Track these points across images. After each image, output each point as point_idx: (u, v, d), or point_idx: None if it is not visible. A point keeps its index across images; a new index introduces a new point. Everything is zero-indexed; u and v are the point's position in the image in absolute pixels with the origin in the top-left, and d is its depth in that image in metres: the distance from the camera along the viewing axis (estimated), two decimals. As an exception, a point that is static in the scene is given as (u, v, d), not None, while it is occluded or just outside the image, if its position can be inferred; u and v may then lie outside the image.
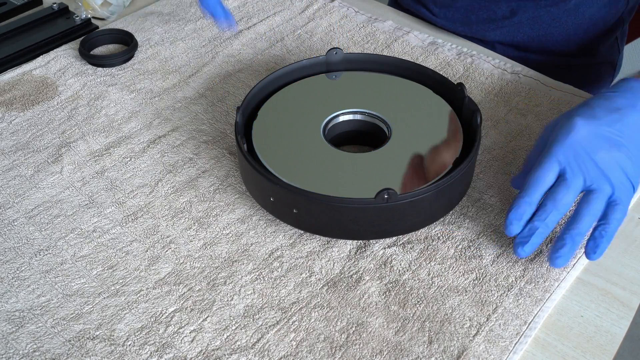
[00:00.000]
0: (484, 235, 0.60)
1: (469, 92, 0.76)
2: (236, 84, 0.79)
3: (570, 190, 0.55)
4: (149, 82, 0.79)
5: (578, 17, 0.88)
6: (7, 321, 0.54)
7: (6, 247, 0.60)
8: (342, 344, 0.52)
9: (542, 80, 0.78)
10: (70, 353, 0.51)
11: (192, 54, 0.84)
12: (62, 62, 0.81)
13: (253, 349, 0.52)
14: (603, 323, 0.54)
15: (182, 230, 0.61)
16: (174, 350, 0.52)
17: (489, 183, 0.66)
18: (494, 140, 0.71)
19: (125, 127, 0.73)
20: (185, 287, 0.56)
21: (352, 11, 0.91)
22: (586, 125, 0.56)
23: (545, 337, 0.53)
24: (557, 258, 0.54)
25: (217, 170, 0.67)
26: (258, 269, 0.58)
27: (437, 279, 0.57)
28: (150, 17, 0.90)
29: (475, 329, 0.53)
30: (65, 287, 0.56)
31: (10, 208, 0.63)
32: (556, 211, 0.55)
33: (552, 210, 0.54)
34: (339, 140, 0.68)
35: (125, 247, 0.60)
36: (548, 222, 0.55)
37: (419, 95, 0.69)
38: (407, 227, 0.59)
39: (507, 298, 0.55)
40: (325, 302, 0.55)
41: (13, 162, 0.68)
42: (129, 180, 0.66)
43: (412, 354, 0.51)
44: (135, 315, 0.54)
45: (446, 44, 0.85)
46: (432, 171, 0.60)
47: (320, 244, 0.60)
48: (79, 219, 0.62)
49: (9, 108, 0.75)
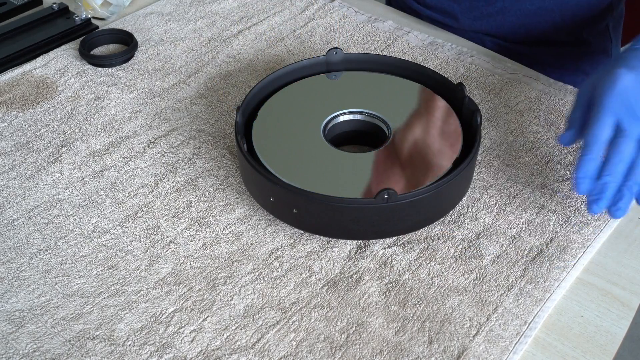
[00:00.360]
0: (484, 236, 0.60)
1: (468, 92, 0.76)
2: (236, 84, 0.79)
3: (631, 139, 0.56)
4: (149, 82, 0.79)
5: (563, 3, 0.87)
6: (7, 321, 0.54)
7: (6, 247, 0.60)
8: (342, 344, 0.52)
9: (542, 80, 0.78)
10: (70, 353, 0.51)
11: (192, 54, 0.84)
12: (62, 62, 0.81)
13: (253, 349, 0.52)
14: (603, 323, 0.54)
15: (182, 230, 0.61)
16: (174, 350, 0.52)
17: (489, 183, 0.66)
18: (494, 140, 0.71)
19: (125, 127, 0.73)
20: (185, 287, 0.56)
21: (352, 11, 0.91)
22: (629, 74, 0.57)
23: (545, 337, 0.53)
24: (617, 210, 0.56)
25: (217, 170, 0.67)
26: (258, 269, 0.58)
27: (437, 279, 0.57)
28: (150, 17, 0.90)
29: (475, 329, 0.53)
30: (65, 287, 0.56)
31: (10, 208, 0.63)
32: (622, 163, 0.56)
33: (619, 162, 0.56)
34: (339, 140, 0.68)
35: (125, 247, 0.60)
36: (616, 174, 0.56)
37: (419, 95, 0.69)
38: (407, 227, 0.59)
39: (507, 298, 0.55)
40: (325, 302, 0.55)
41: (13, 162, 0.68)
42: (129, 180, 0.66)
43: (412, 354, 0.51)
44: (135, 315, 0.54)
45: (446, 44, 0.85)
46: (432, 171, 0.60)
47: (320, 244, 0.60)
48: (79, 219, 0.62)
49: (9, 108, 0.75)
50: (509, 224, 0.62)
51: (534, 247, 0.59)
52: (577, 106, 0.61)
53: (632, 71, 0.57)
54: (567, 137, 0.61)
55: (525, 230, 0.61)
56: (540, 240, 0.60)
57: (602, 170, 0.56)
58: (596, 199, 0.56)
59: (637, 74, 0.57)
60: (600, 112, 0.57)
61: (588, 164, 0.56)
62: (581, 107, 0.61)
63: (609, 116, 0.56)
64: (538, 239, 0.60)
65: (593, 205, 0.56)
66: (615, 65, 0.59)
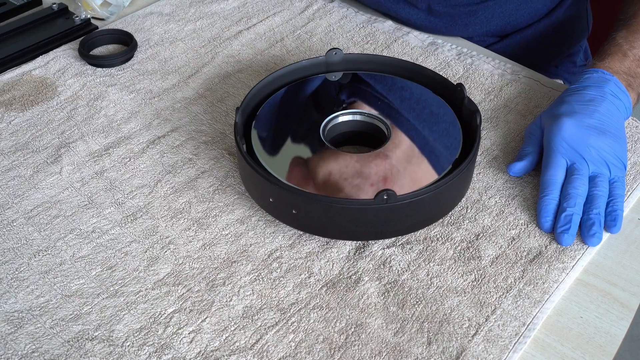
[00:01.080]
0: (483, 236, 0.60)
1: (468, 93, 0.76)
2: (236, 84, 0.78)
3: (584, 177, 0.62)
4: (149, 82, 0.79)
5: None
6: (6, 322, 0.54)
7: (5, 248, 0.60)
8: (341, 344, 0.52)
9: (541, 81, 0.78)
10: (69, 354, 0.51)
11: (191, 54, 0.84)
12: (62, 63, 0.81)
13: (252, 350, 0.52)
14: (603, 324, 0.54)
15: (181, 231, 0.61)
16: (172, 351, 0.52)
17: (489, 184, 0.66)
18: (493, 141, 0.70)
19: (124, 128, 0.72)
20: (184, 288, 0.56)
21: (352, 11, 0.91)
22: (572, 120, 0.63)
23: (544, 338, 0.53)
24: (592, 236, 0.59)
25: (216, 171, 0.67)
26: (257, 269, 0.58)
27: (436, 279, 0.57)
28: (150, 17, 0.90)
29: (474, 329, 0.53)
30: (64, 287, 0.56)
31: (10, 208, 0.63)
32: (580, 197, 0.61)
33: (577, 197, 0.61)
34: (339, 141, 0.68)
35: (125, 248, 0.60)
36: (578, 207, 0.60)
37: (419, 96, 0.69)
38: (406, 227, 0.59)
39: (506, 299, 0.55)
40: (324, 303, 0.55)
41: (12, 162, 0.68)
42: (128, 180, 0.66)
43: (411, 355, 0.51)
44: (134, 316, 0.54)
45: (446, 45, 0.84)
46: (432, 172, 0.60)
47: (320, 245, 0.60)
48: (78, 220, 0.62)
49: (8, 108, 0.75)
50: (508, 225, 0.61)
51: (533, 248, 0.59)
52: (529, 143, 0.67)
53: (572, 118, 0.63)
54: (517, 168, 0.65)
55: (524, 232, 0.61)
56: (539, 242, 0.60)
57: (564, 205, 0.60)
58: (565, 230, 0.59)
59: (578, 120, 0.63)
60: (552, 157, 0.63)
61: (549, 204, 0.61)
62: (532, 145, 0.66)
63: (561, 159, 0.63)
64: (537, 240, 0.60)
65: (563, 236, 0.59)
66: (560, 111, 0.65)
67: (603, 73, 0.67)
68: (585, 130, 0.63)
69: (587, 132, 0.62)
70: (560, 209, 0.61)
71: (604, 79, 0.67)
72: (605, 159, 0.62)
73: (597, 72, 0.68)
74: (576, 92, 0.67)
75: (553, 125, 0.64)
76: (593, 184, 0.62)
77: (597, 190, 0.61)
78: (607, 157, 0.62)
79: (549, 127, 0.65)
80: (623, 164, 0.63)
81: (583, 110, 0.64)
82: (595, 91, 0.66)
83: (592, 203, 0.61)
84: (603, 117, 0.64)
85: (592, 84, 0.67)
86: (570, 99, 0.66)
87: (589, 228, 0.59)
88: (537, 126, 0.68)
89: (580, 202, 0.61)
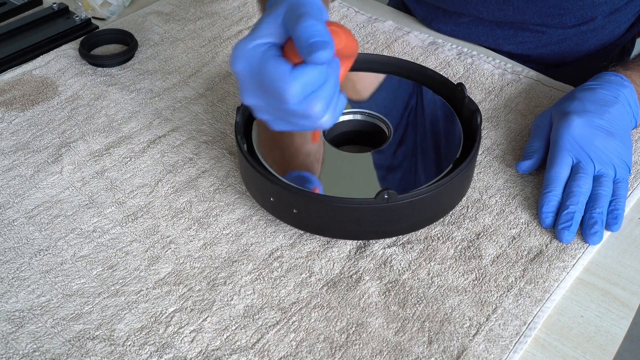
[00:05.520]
0: (484, 236, 0.60)
1: (469, 93, 0.76)
2: (236, 83, 0.78)
3: (588, 176, 0.62)
4: (149, 82, 0.79)
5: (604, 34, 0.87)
6: (7, 321, 0.54)
7: (6, 247, 0.60)
8: (342, 344, 0.52)
9: (542, 81, 0.78)
10: (70, 353, 0.51)
11: (192, 54, 0.84)
12: (62, 62, 0.81)
13: (253, 349, 0.52)
14: (603, 323, 0.54)
15: (182, 231, 0.61)
16: (173, 351, 0.52)
17: (489, 183, 0.66)
18: (494, 141, 0.71)
19: (125, 127, 0.73)
20: (185, 287, 0.56)
21: (352, 11, 0.91)
22: (582, 118, 0.63)
23: (545, 337, 0.53)
24: (593, 234, 0.59)
25: (217, 170, 0.67)
26: (258, 269, 0.58)
27: (437, 279, 0.57)
28: (150, 17, 0.90)
29: (475, 329, 0.53)
30: (65, 287, 0.56)
31: (10, 208, 0.63)
32: (583, 196, 0.61)
33: (580, 195, 0.61)
34: (339, 140, 0.68)
35: (125, 247, 0.60)
36: (580, 205, 0.61)
37: (419, 95, 0.69)
38: (407, 227, 0.59)
39: (507, 298, 0.55)
40: (325, 302, 0.55)
41: (13, 162, 0.68)
42: (129, 180, 0.66)
43: (412, 354, 0.51)
44: (135, 316, 0.54)
45: (446, 44, 0.85)
46: (432, 171, 0.60)
47: (320, 244, 0.60)
48: (79, 219, 0.62)
49: (9, 108, 0.75)
50: (509, 224, 0.62)
51: (534, 247, 0.59)
52: (537, 137, 0.67)
53: (585, 116, 0.63)
54: (525, 166, 0.66)
55: (524, 231, 0.61)
56: (540, 241, 0.60)
57: (567, 202, 0.61)
58: (566, 227, 0.59)
59: (588, 119, 0.63)
60: (559, 153, 0.63)
61: (552, 200, 0.61)
62: (539, 140, 0.67)
63: (567, 157, 0.63)
64: (538, 239, 0.60)
65: (564, 233, 0.59)
66: (570, 108, 0.65)
67: (622, 79, 0.67)
68: (594, 130, 0.63)
69: (596, 132, 0.63)
70: (563, 206, 0.61)
71: (622, 84, 0.67)
72: (612, 160, 0.63)
73: (617, 76, 0.68)
74: (590, 89, 0.67)
75: (562, 122, 0.64)
76: (598, 183, 0.62)
77: (601, 190, 0.61)
78: (614, 158, 0.63)
79: (558, 123, 0.65)
80: (628, 167, 0.64)
81: (594, 109, 0.64)
82: (610, 92, 0.66)
83: (596, 202, 0.61)
84: (613, 119, 0.64)
85: (608, 85, 0.67)
86: (583, 96, 0.66)
87: (591, 226, 0.59)
88: (547, 119, 0.67)
89: (583, 201, 0.61)
